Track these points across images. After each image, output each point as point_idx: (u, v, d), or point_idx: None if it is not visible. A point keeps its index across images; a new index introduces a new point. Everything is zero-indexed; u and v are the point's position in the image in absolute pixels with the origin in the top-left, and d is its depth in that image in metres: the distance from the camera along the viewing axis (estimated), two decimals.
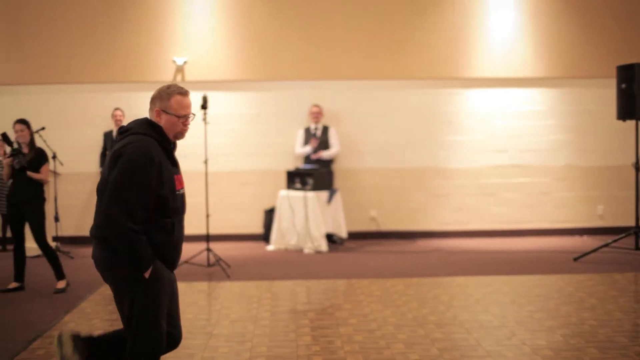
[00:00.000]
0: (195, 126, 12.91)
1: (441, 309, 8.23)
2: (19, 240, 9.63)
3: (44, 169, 9.60)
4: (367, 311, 8.25)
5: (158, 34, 13.57)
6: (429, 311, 8.15)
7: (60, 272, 9.62)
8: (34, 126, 12.01)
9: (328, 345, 6.89)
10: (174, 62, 13.53)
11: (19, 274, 9.66)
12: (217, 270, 10.77)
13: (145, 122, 4.82)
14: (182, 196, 4.89)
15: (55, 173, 12.92)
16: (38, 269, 10.61)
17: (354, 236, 13.58)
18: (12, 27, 13.51)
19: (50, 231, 12.49)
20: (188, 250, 11.79)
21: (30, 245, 11.93)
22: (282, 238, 12.79)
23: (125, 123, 12.84)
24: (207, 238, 11.38)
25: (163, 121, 4.80)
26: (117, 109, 13.29)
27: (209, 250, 11.00)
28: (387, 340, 7.02)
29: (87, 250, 12.99)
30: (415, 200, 13.88)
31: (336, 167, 13.57)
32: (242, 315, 8.21)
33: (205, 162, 11.37)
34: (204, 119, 11.17)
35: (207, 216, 11.32)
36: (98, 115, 13.61)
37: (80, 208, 13.62)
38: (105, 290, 9.34)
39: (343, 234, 12.96)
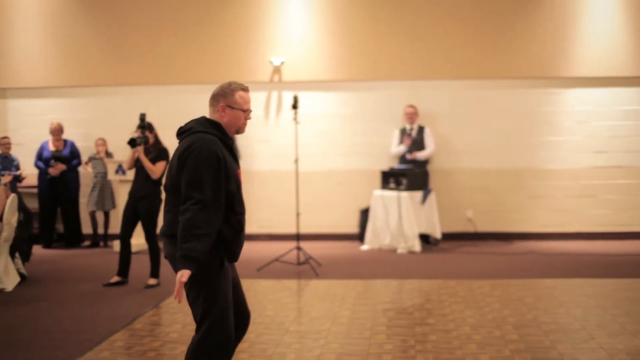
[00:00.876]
0: (287, 126, 13.11)
1: (523, 311, 8.13)
2: (127, 236, 9.90)
3: (159, 164, 9.84)
4: (447, 311, 8.22)
5: (256, 35, 13.79)
6: (509, 312, 8.07)
7: (156, 271, 9.87)
8: (129, 124, 12.48)
9: (401, 344, 6.91)
10: (271, 62, 13.72)
11: (123, 269, 9.94)
12: (306, 268, 10.88)
13: (204, 120, 4.94)
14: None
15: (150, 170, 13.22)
16: (136, 265, 10.85)
17: (449, 237, 13.50)
18: (119, 30, 13.95)
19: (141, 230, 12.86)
20: (279, 248, 12.01)
21: (135, 242, 12.38)
22: (376, 238, 12.83)
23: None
24: (298, 237, 11.51)
25: (227, 116, 4.91)
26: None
27: (299, 248, 11.12)
28: (461, 340, 6.99)
29: None
30: (512, 202, 13.70)
31: (431, 168, 13.52)
32: (322, 313, 8.29)
33: (296, 161, 11.48)
34: (295, 119, 11.29)
35: (298, 215, 11.45)
36: (197, 115, 13.86)
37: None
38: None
39: (437, 234, 12.89)
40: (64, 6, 14.03)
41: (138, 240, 12.68)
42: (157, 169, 9.81)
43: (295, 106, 11.16)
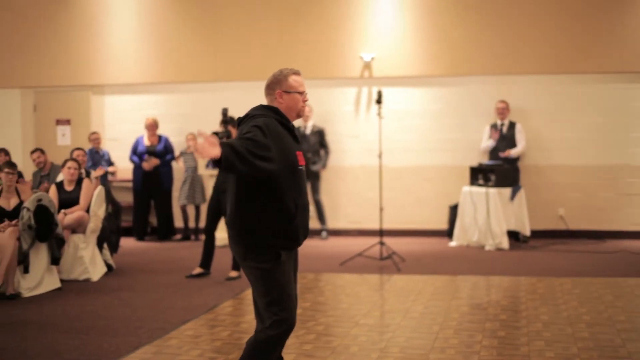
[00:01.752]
0: (376, 121, 13.07)
1: (600, 309, 7.92)
2: (211, 228, 10.05)
3: None
4: (522, 308, 8.08)
5: (346, 31, 13.81)
6: (586, 310, 7.87)
7: (238, 264, 9.98)
8: (219, 120, 12.64)
9: (467, 339, 6.82)
10: (361, 58, 13.71)
11: (205, 261, 10.09)
12: (389, 263, 10.83)
13: (260, 107, 4.99)
14: (303, 172, 4.98)
15: None
16: (221, 258, 10.98)
17: (540, 234, 13.23)
18: (211, 27, 14.17)
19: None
20: (366, 243, 12.00)
21: (220, 235, 12.55)
22: (464, 234, 12.68)
23: (312, 120, 13.23)
24: (381, 232, 11.47)
25: (285, 102, 4.97)
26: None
27: (382, 244, 11.09)
28: (529, 337, 6.85)
29: None
30: (605, 199, 13.34)
31: (522, 164, 13.29)
32: (396, 307, 8.26)
33: (380, 156, 11.44)
34: (379, 114, 11.25)
35: (381, 210, 11.42)
36: None
37: None
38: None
39: (526, 231, 12.65)
40: (158, 4, 14.34)
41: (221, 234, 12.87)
42: None
43: (379, 101, 11.13)
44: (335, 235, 13.90)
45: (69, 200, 10.18)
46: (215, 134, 9.93)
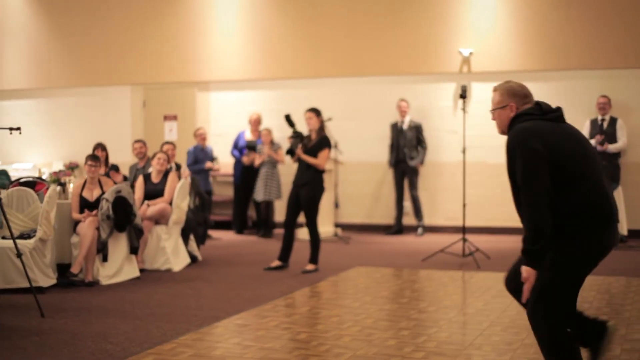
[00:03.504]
0: (475, 117, 12.87)
1: None
2: (290, 221, 10.14)
3: (321, 154, 9.99)
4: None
5: (444, 25, 13.69)
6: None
7: (315, 257, 10.04)
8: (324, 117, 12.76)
9: (511, 337, 6.67)
10: (460, 53, 13.54)
11: (283, 254, 10.19)
12: (471, 260, 10.67)
13: None
14: None
15: (335, 162, 13.44)
16: (301, 252, 11.08)
17: None
18: (312, 24, 14.32)
19: (330, 217, 13.12)
20: (445, 240, 11.85)
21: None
22: None
23: (409, 115, 13.15)
24: (463, 229, 11.30)
25: None
26: (402, 100, 13.60)
27: (464, 240, 10.94)
28: None
29: (366, 237, 13.48)
30: None
31: (624, 161, 12.82)
32: (455, 303, 8.14)
33: (463, 151, 11.27)
34: (463, 109, 11.11)
35: (464, 206, 11.24)
36: (384, 107, 13.99)
37: (361, 196, 14.14)
38: (338, 275, 9.72)
39: (623, 231, 12.20)
40: (259, 1, 14.57)
41: (321, 227, 12.95)
42: (321, 160, 9.94)
43: (463, 96, 10.99)
44: (432, 232, 13.78)
45: (154, 191, 10.50)
46: (291, 150, 9.98)
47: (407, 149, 13.50)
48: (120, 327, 7.05)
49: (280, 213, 14.17)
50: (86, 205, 9.57)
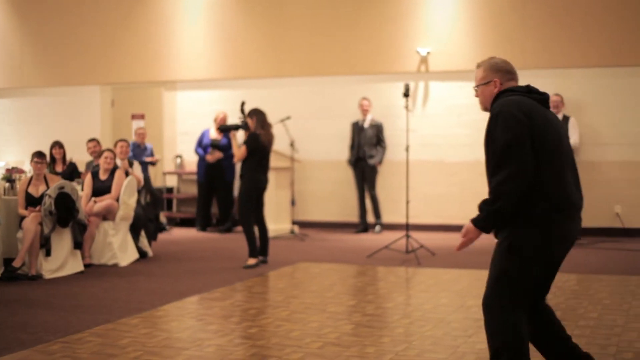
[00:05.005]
0: (433, 116, 13.05)
1: (572, 305, 7.76)
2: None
3: (242, 148, 10.26)
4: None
5: (402, 25, 13.86)
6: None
7: (253, 251, 10.23)
8: (281, 115, 13.08)
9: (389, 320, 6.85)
10: (418, 52, 13.72)
11: (253, 249, 10.31)
12: (412, 257, 10.83)
13: None
14: None
15: (292, 160, 13.63)
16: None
17: (595, 232, 12.90)
18: (275, 25, 14.52)
19: (286, 215, 13.34)
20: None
21: (270, 227, 12.84)
22: None
23: (371, 114, 13.38)
24: (407, 226, 11.47)
25: None
26: (364, 98, 13.80)
27: (408, 237, 11.12)
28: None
29: (325, 235, 13.65)
30: None
31: (576, 159, 12.89)
32: (378, 298, 8.31)
33: (407, 149, 11.46)
34: (406, 107, 11.30)
35: (407, 202, 11.43)
36: (345, 106, 14.19)
37: (320, 194, 14.35)
38: (278, 270, 9.92)
39: None
40: (225, 3, 14.80)
41: (278, 225, 13.21)
42: (238, 153, 10.24)
43: (406, 94, 11.17)
44: (393, 229, 13.94)
45: (102, 188, 10.71)
46: (233, 127, 10.27)
47: (367, 148, 13.70)
48: (42, 318, 7.26)
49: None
50: (31, 201, 9.79)
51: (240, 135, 11.18)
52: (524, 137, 4.33)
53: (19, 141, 16.36)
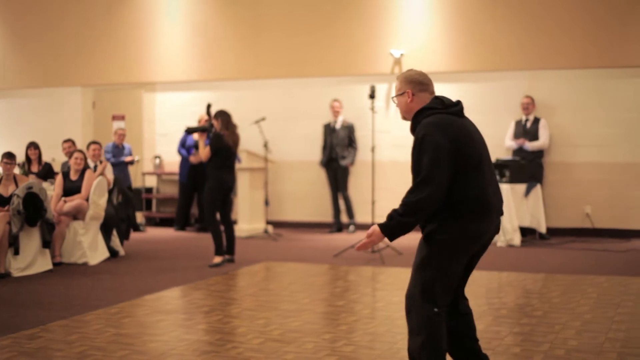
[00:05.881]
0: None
1: (520, 302, 7.90)
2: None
3: (207, 148, 10.43)
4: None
5: (376, 27, 14.01)
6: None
7: (219, 249, 10.42)
8: (257, 116, 13.28)
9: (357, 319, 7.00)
10: (391, 54, 13.87)
11: (219, 248, 10.50)
12: (383, 255, 10.98)
13: None
14: None
15: (266, 160, 13.76)
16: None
17: (566, 232, 13.06)
18: (252, 27, 14.67)
19: (260, 215, 13.51)
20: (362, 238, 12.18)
21: (244, 227, 13.07)
22: None
23: (342, 115, 13.54)
24: (372, 224, 11.59)
25: None
26: (335, 100, 13.96)
27: None
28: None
29: (299, 235, 13.81)
30: (633, 197, 12.99)
31: (547, 160, 13.13)
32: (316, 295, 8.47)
33: (372, 150, 11.62)
34: (372, 109, 11.46)
35: (373, 203, 11.59)
36: (320, 107, 14.36)
37: (294, 194, 14.53)
38: (242, 269, 10.09)
39: (542, 229, 12.51)
40: (204, 5, 14.97)
41: (252, 224, 13.38)
42: (202, 153, 10.41)
43: (372, 96, 11.33)
44: (365, 229, 14.07)
45: (72, 188, 10.89)
46: (200, 129, 10.46)
47: (339, 149, 13.85)
48: (1, 315, 7.44)
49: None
50: (0, 201, 9.96)
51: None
52: (444, 160, 4.62)
53: (1, 143, 16.52)
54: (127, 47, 15.50)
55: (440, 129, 4.68)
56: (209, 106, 10.69)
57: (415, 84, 4.94)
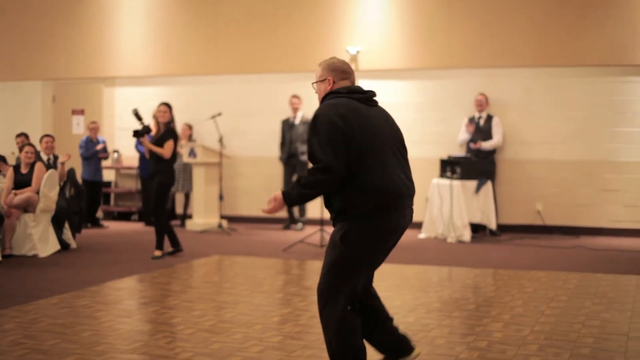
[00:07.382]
0: None
1: (468, 298, 8.05)
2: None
3: (167, 144, 10.50)
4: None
5: (333, 24, 14.12)
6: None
7: (160, 243, 10.55)
8: (213, 112, 13.37)
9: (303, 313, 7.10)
10: (347, 51, 13.98)
11: (159, 243, 10.62)
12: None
13: None
14: None
15: (221, 155, 13.84)
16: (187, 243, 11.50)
17: (517, 229, 13.25)
18: (210, 23, 14.74)
19: (214, 210, 13.60)
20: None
21: (199, 221, 13.16)
22: (432, 226, 12.81)
23: (301, 110, 13.64)
24: (321, 221, 11.72)
25: None
26: (294, 96, 14.06)
27: (322, 231, 11.40)
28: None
29: (253, 230, 13.90)
30: (583, 195, 13.19)
31: (500, 158, 13.30)
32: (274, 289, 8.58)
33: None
34: None
35: (321, 197, 11.68)
36: (277, 103, 14.46)
37: (249, 189, 14.64)
38: (188, 263, 10.19)
39: (492, 225, 12.68)
40: (164, 1, 15.03)
41: (207, 219, 13.46)
42: (165, 150, 10.44)
43: None
44: (316, 224, 14.08)
45: (23, 181, 10.93)
46: (136, 131, 10.52)
47: (298, 144, 13.94)
48: None
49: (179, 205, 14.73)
50: None
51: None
52: (336, 139, 4.64)
53: None
54: (88, 42, 15.52)
55: (334, 110, 4.70)
56: (136, 111, 10.69)
57: (338, 72, 4.97)
